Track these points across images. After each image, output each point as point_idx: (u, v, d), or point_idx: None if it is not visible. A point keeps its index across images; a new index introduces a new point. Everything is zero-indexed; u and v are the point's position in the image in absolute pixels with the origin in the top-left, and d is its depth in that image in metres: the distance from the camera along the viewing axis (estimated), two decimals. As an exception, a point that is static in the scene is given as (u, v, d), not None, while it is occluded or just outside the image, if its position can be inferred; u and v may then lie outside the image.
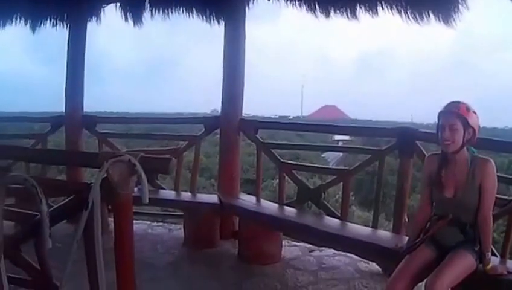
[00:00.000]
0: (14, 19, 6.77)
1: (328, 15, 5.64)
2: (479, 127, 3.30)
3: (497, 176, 3.32)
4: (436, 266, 3.17)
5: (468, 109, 3.23)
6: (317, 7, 5.65)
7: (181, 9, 6.31)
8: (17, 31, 6.94)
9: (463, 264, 3.14)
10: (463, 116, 3.20)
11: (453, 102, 3.29)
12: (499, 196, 3.59)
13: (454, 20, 5.03)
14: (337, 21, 5.64)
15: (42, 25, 6.82)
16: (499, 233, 5.50)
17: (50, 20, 6.77)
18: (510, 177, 4.29)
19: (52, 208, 3.00)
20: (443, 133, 3.24)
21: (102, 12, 6.69)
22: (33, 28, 6.84)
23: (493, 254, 3.50)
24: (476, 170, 3.25)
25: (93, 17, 6.68)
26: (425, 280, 3.10)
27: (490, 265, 3.21)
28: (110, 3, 6.58)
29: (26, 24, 6.81)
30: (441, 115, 3.31)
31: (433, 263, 3.25)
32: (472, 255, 3.19)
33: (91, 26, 6.72)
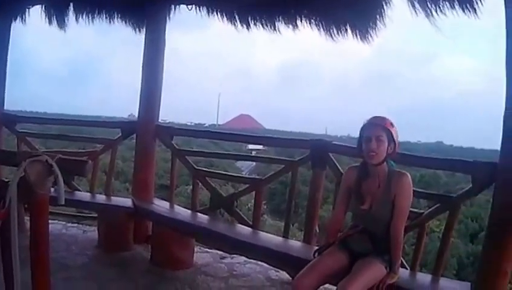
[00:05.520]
0: None
1: (248, 27, 5.77)
2: (399, 142, 3.46)
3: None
4: (346, 271, 3.31)
5: (392, 124, 3.38)
6: (237, 19, 5.78)
7: (104, 15, 6.33)
8: None
9: (372, 271, 3.27)
10: (388, 129, 3.36)
11: (378, 116, 3.44)
12: (410, 209, 3.78)
13: (371, 36, 5.14)
14: (260, 33, 5.81)
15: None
16: (409, 245, 5.70)
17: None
18: (421, 190, 4.41)
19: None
20: (369, 144, 3.34)
21: (27, 14, 6.59)
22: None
23: (403, 266, 3.72)
24: (392, 183, 3.38)
25: (18, 18, 6.58)
26: (336, 285, 3.19)
27: (397, 277, 3.37)
28: (35, 4, 6.48)
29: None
30: (367, 127, 3.42)
31: (344, 269, 3.39)
32: (381, 263, 3.32)
33: (17, 26, 6.62)
